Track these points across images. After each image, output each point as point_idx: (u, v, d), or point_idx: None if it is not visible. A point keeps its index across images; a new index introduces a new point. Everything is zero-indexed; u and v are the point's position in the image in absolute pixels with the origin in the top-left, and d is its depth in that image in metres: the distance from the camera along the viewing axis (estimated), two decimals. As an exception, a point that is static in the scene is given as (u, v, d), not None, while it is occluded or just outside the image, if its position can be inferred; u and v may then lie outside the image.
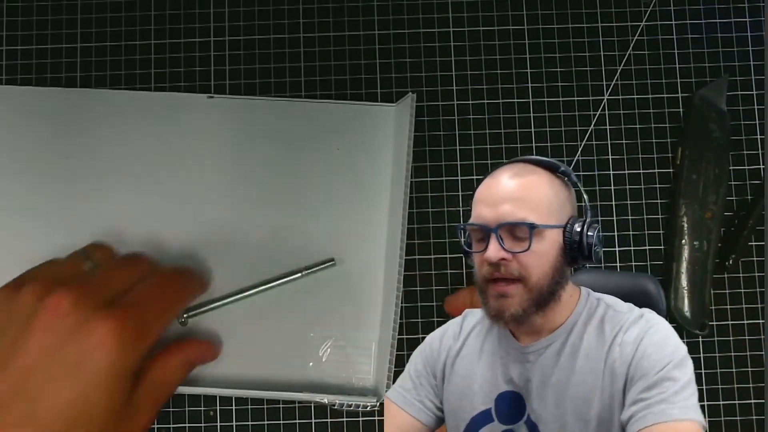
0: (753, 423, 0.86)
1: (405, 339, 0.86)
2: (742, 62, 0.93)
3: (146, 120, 0.95)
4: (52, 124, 0.92)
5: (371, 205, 0.92)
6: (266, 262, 0.91)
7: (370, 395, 0.86)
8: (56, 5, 0.91)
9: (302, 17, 0.92)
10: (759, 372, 0.87)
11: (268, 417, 0.85)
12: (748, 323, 0.89)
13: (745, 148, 0.91)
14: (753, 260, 0.89)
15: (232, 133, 0.95)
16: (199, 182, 0.93)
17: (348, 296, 0.92)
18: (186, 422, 0.85)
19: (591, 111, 0.91)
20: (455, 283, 0.88)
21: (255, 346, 0.91)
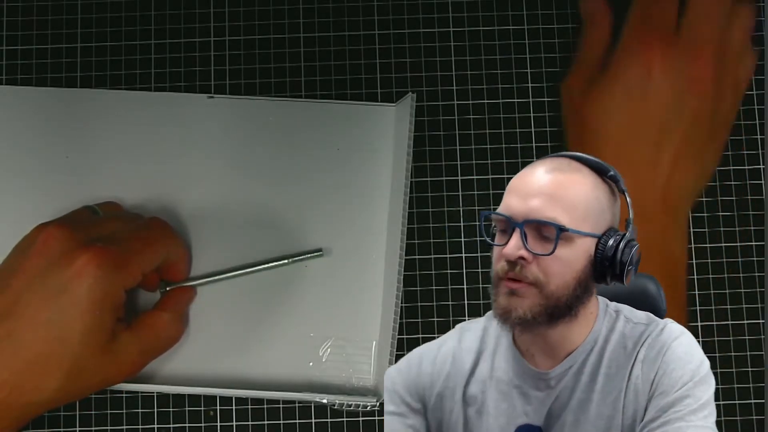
0: (753, 423, 0.86)
1: (405, 339, 0.86)
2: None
3: (147, 120, 0.95)
4: (53, 123, 0.93)
5: (371, 205, 0.92)
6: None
7: (370, 395, 0.86)
8: (56, 5, 0.91)
9: (302, 17, 0.92)
10: (759, 372, 0.87)
11: (268, 417, 0.84)
12: (748, 323, 0.88)
13: (746, 148, 0.91)
14: (753, 260, 0.89)
15: (232, 133, 0.95)
16: (199, 181, 0.94)
17: (348, 297, 0.92)
18: (186, 422, 0.85)
19: (591, 111, 0.91)
20: (455, 283, 0.88)
21: (255, 346, 0.91)
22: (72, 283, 0.71)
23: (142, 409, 0.85)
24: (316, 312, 0.87)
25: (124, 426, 0.85)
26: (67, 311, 0.71)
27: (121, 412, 0.85)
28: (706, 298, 0.88)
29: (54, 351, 0.70)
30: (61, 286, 0.70)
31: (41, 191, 0.87)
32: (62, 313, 0.71)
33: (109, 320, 0.75)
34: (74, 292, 0.71)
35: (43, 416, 0.84)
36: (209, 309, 0.86)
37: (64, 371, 0.71)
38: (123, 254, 0.74)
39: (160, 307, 0.80)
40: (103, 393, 0.84)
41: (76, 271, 0.70)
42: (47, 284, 0.70)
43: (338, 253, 0.89)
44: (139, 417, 0.85)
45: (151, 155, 0.89)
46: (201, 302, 0.86)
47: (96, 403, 0.85)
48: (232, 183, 0.89)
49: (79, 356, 0.72)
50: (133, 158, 0.89)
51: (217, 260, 0.87)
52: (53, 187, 0.87)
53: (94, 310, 0.72)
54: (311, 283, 0.88)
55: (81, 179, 0.88)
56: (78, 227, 0.75)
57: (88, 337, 0.73)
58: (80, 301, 0.71)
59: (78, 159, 0.89)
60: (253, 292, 0.87)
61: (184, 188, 0.88)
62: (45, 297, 0.71)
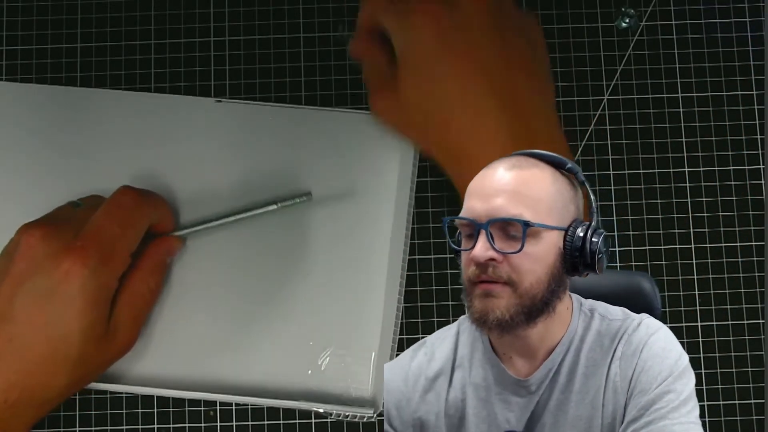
0: (753, 423, 0.86)
1: (405, 339, 0.86)
2: (742, 62, 0.93)
3: (150, 122, 0.96)
4: (53, 123, 0.93)
5: (374, 214, 0.92)
6: (265, 261, 0.91)
7: (368, 406, 0.86)
8: (56, 5, 0.91)
9: (302, 17, 0.92)
10: (759, 372, 0.87)
11: (268, 417, 0.85)
12: (748, 323, 0.88)
13: (746, 148, 0.91)
14: (753, 260, 0.89)
15: (235, 138, 0.95)
16: (201, 188, 0.93)
17: (349, 305, 0.92)
18: (186, 422, 0.85)
19: (591, 111, 0.91)
20: (455, 283, 0.88)
21: (254, 353, 0.91)
22: (62, 287, 0.70)
23: (142, 409, 0.85)
24: (316, 320, 0.87)
25: (124, 426, 0.85)
26: (64, 312, 0.71)
27: (121, 412, 0.85)
28: (706, 298, 0.88)
29: (58, 350, 0.71)
30: (52, 290, 0.70)
31: (41, 189, 0.87)
32: (59, 314, 0.71)
33: (105, 310, 0.75)
34: (66, 294, 0.71)
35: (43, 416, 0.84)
36: (209, 312, 0.87)
37: (70, 367, 0.71)
38: (105, 246, 0.73)
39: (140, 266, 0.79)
40: (103, 393, 0.84)
41: (63, 274, 0.70)
42: (38, 288, 0.70)
43: (339, 262, 0.89)
44: (139, 417, 0.85)
45: (153, 158, 0.89)
46: (201, 303, 0.86)
47: (96, 403, 0.85)
48: (232, 188, 0.89)
49: (83, 351, 0.73)
50: (134, 159, 0.89)
51: (216, 259, 0.87)
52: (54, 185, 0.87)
53: (90, 306, 0.73)
54: (312, 291, 0.88)
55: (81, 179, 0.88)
56: (60, 226, 0.75)
57: (88, 331, 0.73)
58: (74, 302, 0.71)
59: (80, 158, 0.89)
60: (253, 295, 0.87)
61: (184, 189, 0.88)
62: (38, 301, 0.71)
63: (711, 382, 0.87)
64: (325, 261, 0.87)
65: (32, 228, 0.72)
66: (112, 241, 0.74)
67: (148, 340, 0.83)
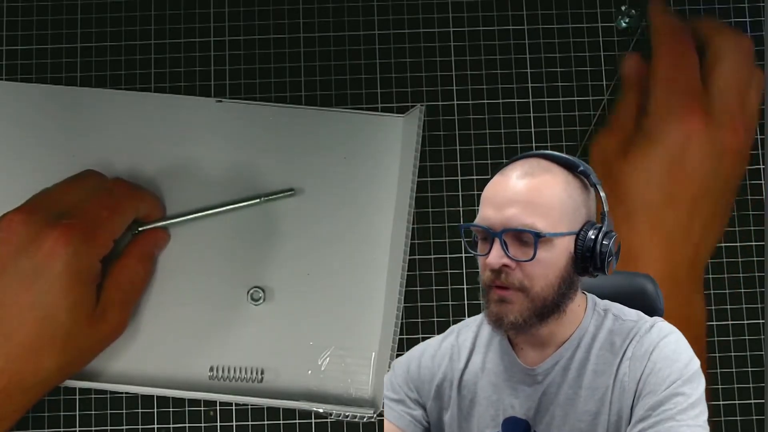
0: (753, 423, 0.87)
1: (405, 339, 0.86)
2: (742, 62, 0.93)
3: (150, 121, 0.96)
4: (53, 122, 0.93)
5: (375, 217, 0.92)
6: (265, 261, 0.91)
7: (368, 406, 0.86)
8: (56, 5, 0.91)
9: (302, 17, 0.92)
10: (759, 372, 0.87)
11: (268, 417, 0.85)
12: (748, 323, 0.89)
13: (745, 148, 0.91)
14: (753, 260, 0.89)
15: (237, 139, 0.95)
16: (201, 187, 0.93)
17: (349, 305, 0.91)
18: (186, 422, 0.85)
19: (591, 111, 0.91)
20: (455, 283, 0.89)
21: (255, 353, 0.91)
22: (45, 266, 0.71)
23: (142, 409, 0.85)
24: (316, 321, 0.87)
25: (123, 426, 0.85)
26: (49, 293, 0.71)
27: (121, 412, 0.85)
28: (706, 298, 0.88)
29: (45, 331, 0.71)
30: (35, 270, 0.71)
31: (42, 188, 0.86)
32: (44, 295, 0.71)
33: (91, 291, 0.76)
34: (50, 273, 0.71)
35: (43, 416, 0.84)
36: (209, 312, 0.87)
37: (59, 349, 0.71)
38: (90, 226, 0.74)
39: (128, 254, 0.80)
40: (103, 393, 0.84)
41: (46, 253, 0.71)
42: (21, 270, 0.71)
43: (341, 264, 0.89)
44: (139, 417, 0.85)
45: (154, 156, 0.89)
46: (201, 303, 0.86)
47: (96, 403, 0.85)
48: (236, 188, 0.89)
49: (70, 331, 0.73)
50: (133, 157, 0.89)
51: (213, 261, 0.87)
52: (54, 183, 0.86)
53: (74, 286, 0.73)
54: (312, 292, 0.88)
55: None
56: (39, 207, 0.75)
57: (74, 312, 0.73)
58: (58, 281, 0.72)
59: (79, 157, 0.89)
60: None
61: (184, 189, 0.88)
62: (23, 282, 0.71)
63: (711, 382, 0.87)
64: (325, 261, 0.87)
65: (12, 213, 0.73)
66: (98, 222, 0.75)
67: (148, 341, 0.84)
